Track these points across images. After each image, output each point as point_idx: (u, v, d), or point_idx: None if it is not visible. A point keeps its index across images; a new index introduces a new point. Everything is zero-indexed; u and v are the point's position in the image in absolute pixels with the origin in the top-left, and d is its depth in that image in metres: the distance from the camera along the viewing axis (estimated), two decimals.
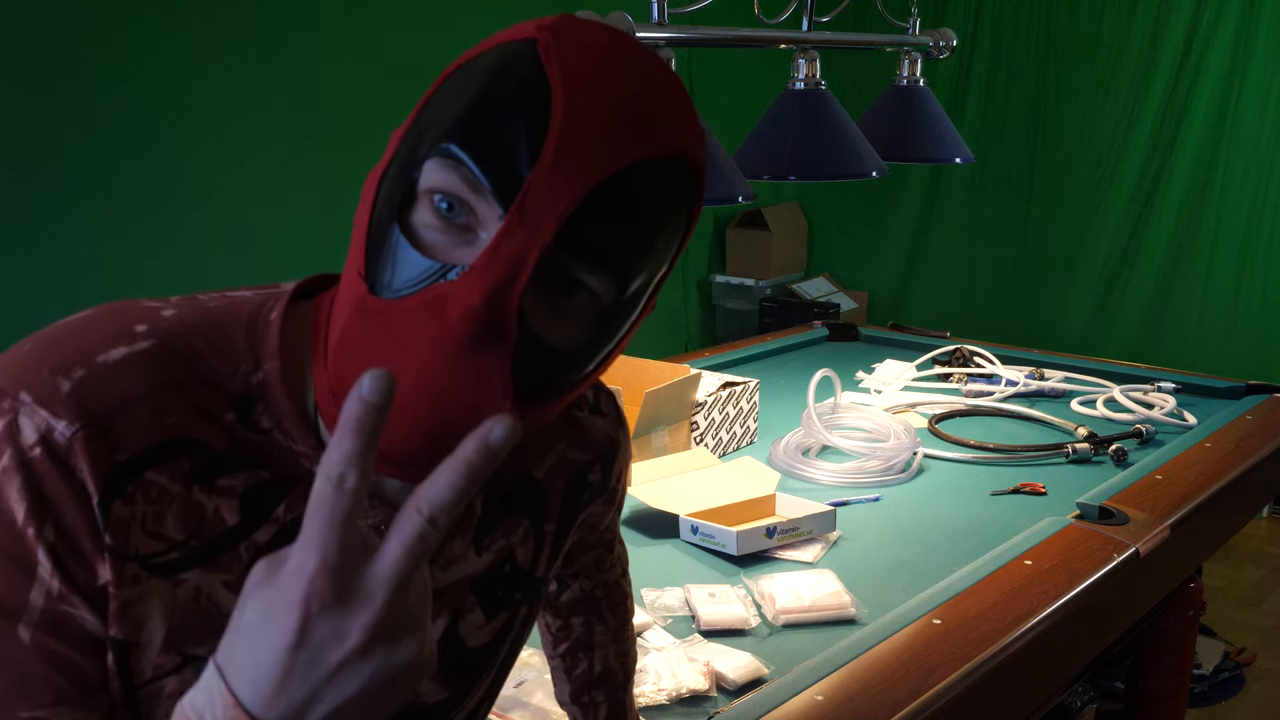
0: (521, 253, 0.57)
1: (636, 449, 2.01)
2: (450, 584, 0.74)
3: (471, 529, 0.75)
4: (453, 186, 0.59)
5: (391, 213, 0.61)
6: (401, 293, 0.59)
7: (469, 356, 0.58)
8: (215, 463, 0.64)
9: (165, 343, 0.64)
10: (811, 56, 1.98)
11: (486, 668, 0.79)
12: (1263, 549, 3.89)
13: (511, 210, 0.57)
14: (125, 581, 0.61)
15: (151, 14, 2.99)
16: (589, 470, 0.85)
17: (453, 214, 0.59)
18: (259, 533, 0.65)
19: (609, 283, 0.61)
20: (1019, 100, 4.61)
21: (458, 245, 0.59)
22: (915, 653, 1.36)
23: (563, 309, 0.61)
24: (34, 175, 2.85)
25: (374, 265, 0.61)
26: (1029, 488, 2.02)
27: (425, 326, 0.58)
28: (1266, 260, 4.10)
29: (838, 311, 4.68)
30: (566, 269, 0.59)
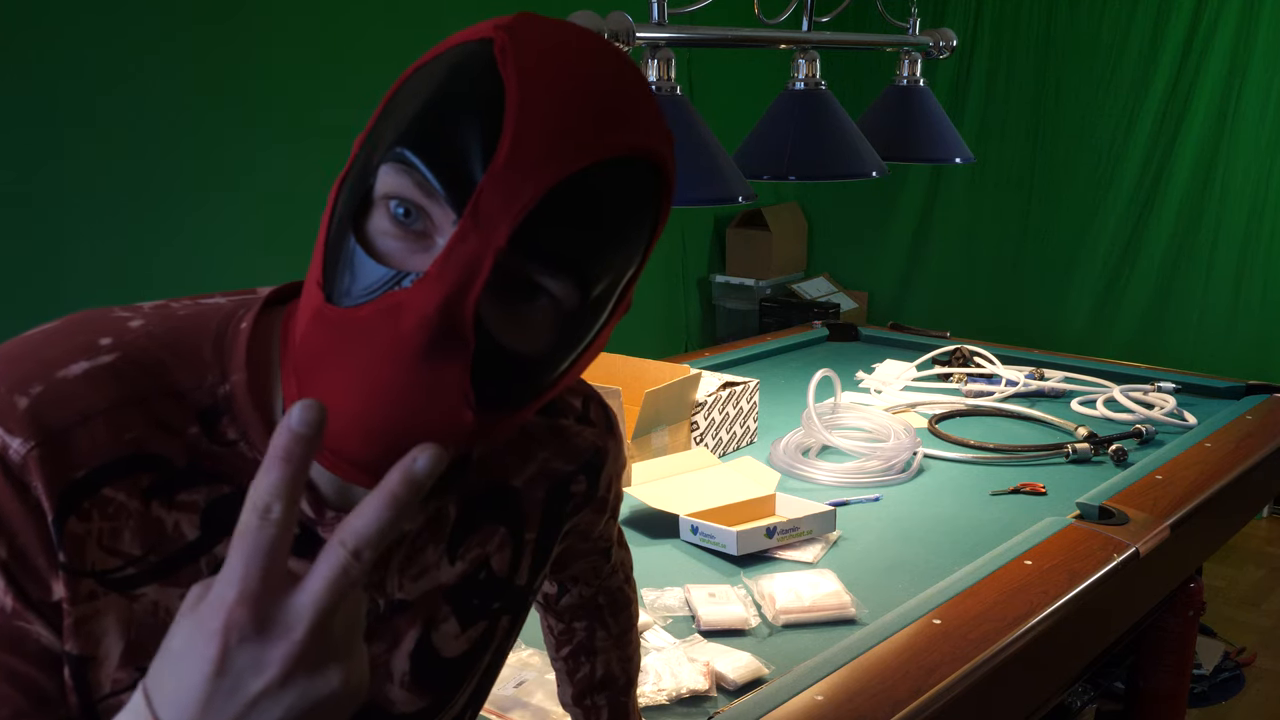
0: (476, 257, 0.56)
1: (636, 449, 2.01)
2: (422, 594, 0.73)
3: (445, 537, 0.74)
4: (407, 191, 0.58)
5: (348, 220, 0.60)
6: (358, 301, 0.58)
7: (426, 365, 0.57)
8: (176, 478, 0.63)
9: (129, 356, 0.63)
10: (811, 56, 1.98)
11: (466, 677, 0.78)
12: (1263, 549, 3.89)
13: (465, 214, 0.56)
14: (81, 598, 0.61)
15: (151, 14, 2.99)
16: (572, 480, 0.82)
17: (409, 220, 0.58)
18: (220, 547, 0.65)
19: (570, 287, 0.59)
20: (1019, 100, 4.61)
21: (414, 252, 0.58)
22: (915, 653, 1.36)
23: (523, 314, 0.60)
24: (34, 175, 2.85)
25: (330, 274, 0.60)
26: (1029, 488, 2.02)
27: (381, 336, 0.57)
28: (1266, 260, 4.10)
29: (838, 311, 4.68)
30: (525, 273, 0.58)
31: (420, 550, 0.72)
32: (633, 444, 1.99)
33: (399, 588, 0.72)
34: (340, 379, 0.59)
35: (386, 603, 0.71)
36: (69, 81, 2.88)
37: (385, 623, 0.72)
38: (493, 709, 1.28)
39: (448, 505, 0.74)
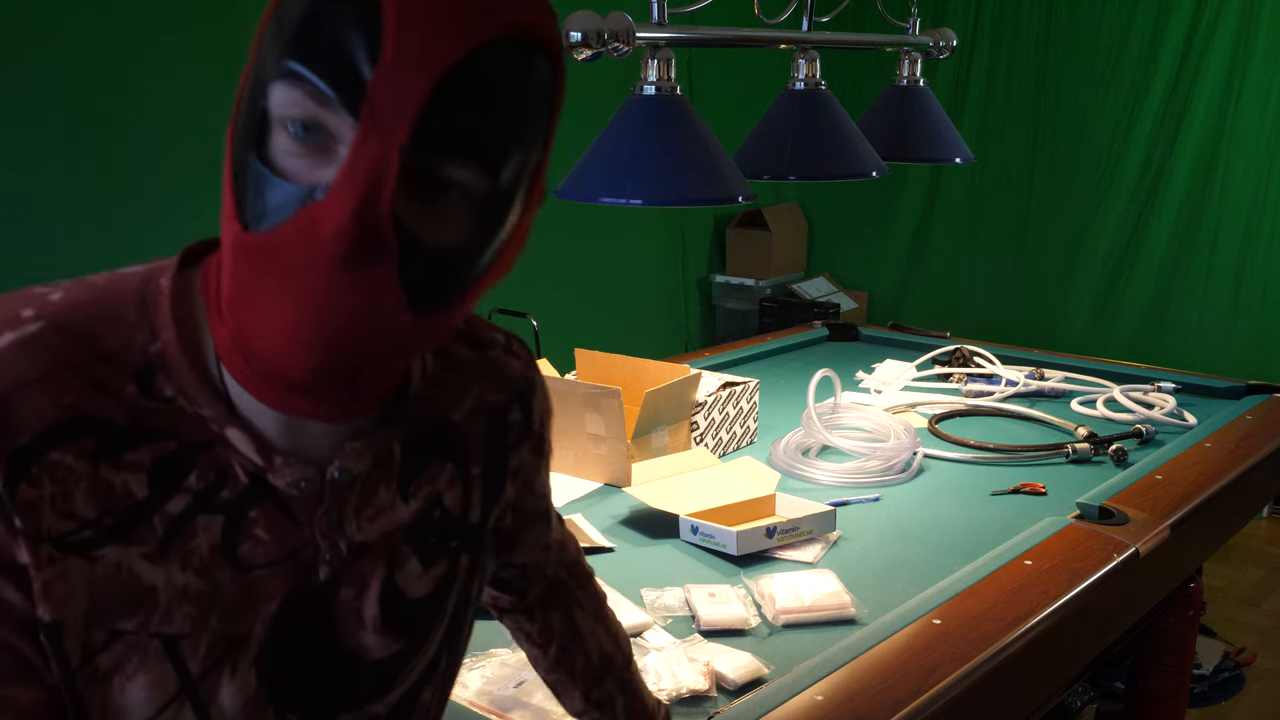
0: (381, 158, 0.56)
1: (636, 449, 2.01)
2: (381, 535, 0.74)
3: (395, 477, 0.74)
4: (301, 106, 0.58)
5: (250, 147, 0.60)
6: (274, 223, 0.58)
7: (352, 273, 0.58)
8: (119, 438, 0.64)
9: (54, 324, 0.64)
10: (811, 56, 1.99)
11: (435, 619, 0.78)
12: (1263, 549, 3.89)
13: (361, 117, 0.56)
14: (43, 563, 0.62)
15: (152, 14, 2.99)
16: (507, 410, 0.83)
17: (309, 136, 0.58)
18: (171, 503, 0.65)
19: (479, 174, 0.60)
20: (1019, 100, 4.60)
21: (320, 165, 0.58)
22: (915, 653, 1.36)
23: (439, 209, 0.60)
24: (34, 176, 2.85)
25: (242, 203, 0.60)
26: (1029, 488, 2.02)
27: (301, 251, 0.58)
28: (1266, 260, 4.10)
29: (838, 311, 4.68)
30: (432, 168, 0.59)
31: (373, 491, 0.73)
32: (633, 444, 1.99)
33: (358, 530, 0.72)
34: (271, 303, 0.59)
35: (348, 545, 0.72)
36: (69, 82, 2.88)
37: (350, 566, 0.72)
38: (493, 709, 1.28)
39: (392, 444, 0.74)
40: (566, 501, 1.95)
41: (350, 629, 0.73)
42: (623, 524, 1.86)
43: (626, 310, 4.61)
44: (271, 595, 0.69)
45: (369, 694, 0.75)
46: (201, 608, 0.66)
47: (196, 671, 0.67)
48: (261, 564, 0.68)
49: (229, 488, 0.67)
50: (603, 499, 1.97)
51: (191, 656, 0.67)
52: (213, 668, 0.67)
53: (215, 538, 0.67)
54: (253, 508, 0.68)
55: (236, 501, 0.67)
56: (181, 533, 0.66)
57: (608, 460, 2.01)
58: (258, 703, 0.70)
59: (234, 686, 0.68)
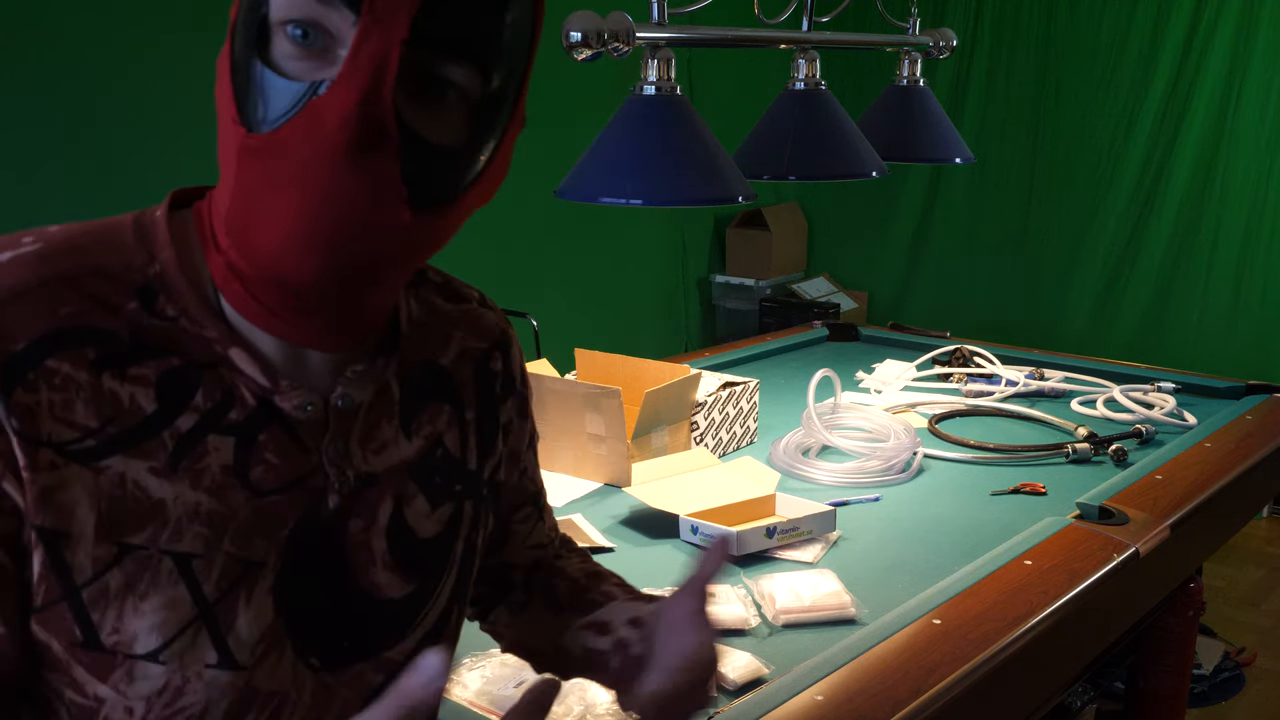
0: (383, 52, 0.59)
1: (636, 449, 2.01)
2: (386, 469, 0.75)
3: (395, 413, 0.76)
4: (301, 8, 0.60)
5: (250, 54, 0.62)
6: (278, 121, 0.60)
7: (356, 163, 0.60)
8: (123, 351, 0.65)
9: (53, 245, 0.66)
10: (811, 56, 1.99)
11: (445, 561, 0.79)
12: (1263, 549, 3.89)
13: (363, 13, 0.58)
14: (41, 467, 0.62)
15: (152, 12, 2.99)
16: (489, 358, 0.86)
17: (309, 40, 0.60)
18: (180, 420, 0.66)
19: (473, 75, 0.63)
20: (1019, 100, 4.61)
21: (322, 66, 0.60)
22: (915, 653, 1.36)
23: (436, 109, 0.63)
24: (34, 175, 2.85)
25: (245, 106, 0.62)
26: (1029, 488, 2.02)
27: (307, 144, 0.59)
28: (1266, 260, 4.10)
29: (838, 311, 4.68)
30: (430, 66, 0.61)
31: (375, 425, 0.75)
32: (633, 444, 1.99)
33: (364, 460, 0.74)
34: (277, 203, 0.61)
35: (355, 475, 0.73)
36: (69, 81, 2.88)
37: (359, 497, 0.74)
38: (493, 709, 1.28)
39: (389, 377, 0.76)
40: (566, 501, 1.95)
41: (361, 564, 0.74)
42: (623, 524, 1.86)
43: (626, 310, 4.61)
44: (284, 521, 0.70)
45: (385, 639, 0.75)
46: (214, 528, 0.67)
47: (211, 595, 0.67)
48: (273, 489, 0.69)
49: (237, 409, 0.68)
50: (603, 499, 1.97)
51: (205, 578, 0.67)
52: (229, 591, 0.67)
53: (226, 459, 0.68)
54: (262, 430, 0.69)
55: (246, 423, 0.68)
56: (192, 450, 0.67)
57: (608, 460, 2.01)
58: (275, 634, 0.69)
59: (250, 614, 0.68)
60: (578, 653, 0.91)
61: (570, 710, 1.27)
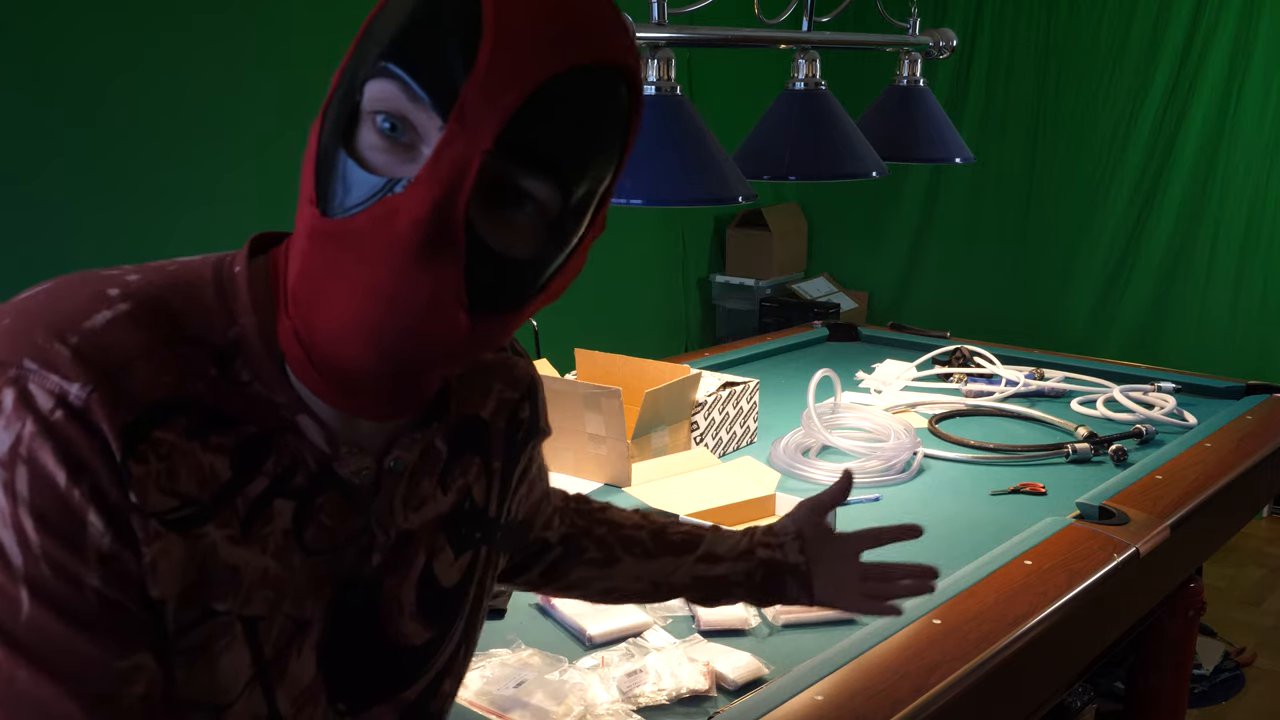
0: (464, 160, 0.59)
1: (636, 449, 2.01)
2: (422, 524, 0.77)
3: (438, 470, 0.78)
4: (393, 102, 0.60)
5: (337, 138, 0.62)
6: (353, 211, 0.61)
7: (421, 266, 0.60)
8: (208, 418, 0.66)
9: (142, 304, 0.65)
10: (811, 56, 1.99)
11: (460, 606, 0.82)
12: (1263, 549, 3.89)
13: (451, 118, 0.59)
14: (151, 538, 0.63)
15: (153, 11, 2.99)
16: (520, 407, 0.88)
17: (396, 133, 0.61)
18: (251, 486, 0.67)
19: (552, 190, 0.63)
20: (1019, 100, 4.60)
21: (403, 162, 0.61)
22: (915, 653, 1.36)
23: (510, 220, 0.63)
24: (34, 174, 2.85)
25: (324, 189, 0.62)
26: (1029, 488, 2.02)
27: (376, 240, 0.60)
28: (1266, 260, 4.10)
29: (838, 311, 4.68)
30: (509, 178, 0.61)
31: (418, 483, 0.77)
32: (633, 444, 1.99)
33: (404, 519, 0.76)
34: (340, 288, 0.62)
35: (397, 533, 0.75)
36: (69, 79, 2.87)
37: (397, 554, 0.76)
38: (493, 709, 1.28)
39: (436, 439, 0.78)
40: None
41: (392, 616, 0.76)
42: None
43: (626, 310, 4.61)
44: (329, 580, 0.72)
45: (402, 682, 0.78)
46: (277, 591, 0.69)
47: (269, 653, 0.69)
48: (323, 549, 0.71)
49: (301, 473, 0.69)
50: (603, 499, 1.96)
51: (266, 639, 0.69)
52: (283, 650, 0.70)
53: (287, 522, 0.69)
54: (319, 494, 0.70)
55: (307, 487, 0.70)
56: (260, 515, 0.68)
57: (608, 460, 2.01)
58: (314, 689, 0.72)
59: (298, 669, 0.71)
60: (687, 582, 1.08)
61: (570, 710, 1.27)
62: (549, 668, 1.35)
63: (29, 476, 0.59)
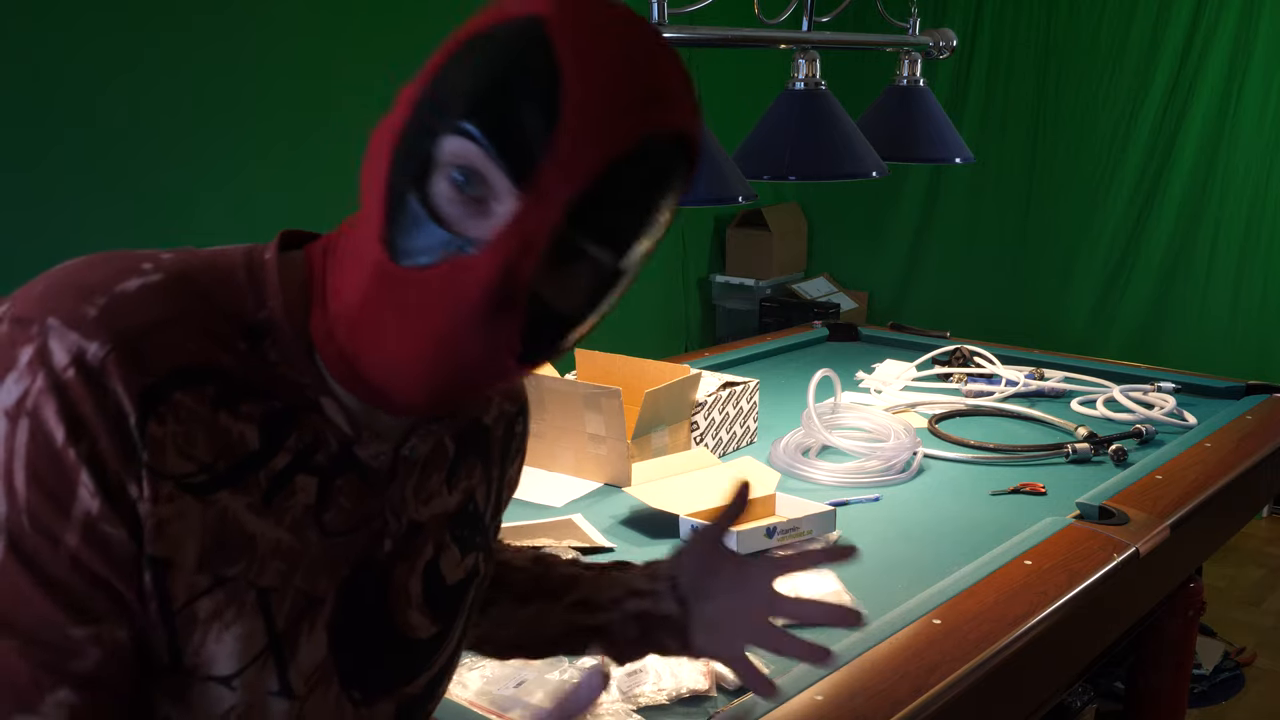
0: (536, 229, 0.61)
1: (636, 449, 2.01)
2: (431, 517, 0.80)
3: (445, 467, 0.81)
4: (469, 161, 0.62)
5: (408, 182, 0.64)
6: (421, 262, 0.63)
7: (483, 324, 0.63)
8: (236, 388, 0.67)
9: (175, 276, 0.67)
10: (811, 56, 1.99)
11: (461, 605, 0.84)
12: (1263, 549, 3.89)
13: (526, 190, 0.61)
14: (161, 499, 0.64)
15: (153, 11, 2.99)
16: (515, 421, 0.91)
17: (468, 186, 0.62)
18: (276, 459, 0.69)
19: (612, 255, 0.65)
20: (1019, 100, 4.60)
21: (472, 216, 0.62)
22: (915, 653, 1.36)
23: (566, 278, 0.65)
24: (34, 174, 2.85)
25: (393, 232, 0.64)
26: (1029, 488, 2.02)
27: (443, 297, 0.62)
28: (1266, 260, 4.10)
29: (838, 311, 4.68)
30: (572, 241, 0.63)
31: (428, 477, 0.79)
32: (633, 444, 1.99)
33: (415, 509, 0.78)
34: (401, 330, 0.64)
35: (408, 522, 0.77)
36: (68, 77, 2.88)
37: (407, 543, 0.77)
38: (493, 709, 1.28)
39: (446, 437, 0.80)
40: (566, 501, 1.95)
41: (400, 605, 0.78)
42: (623, 524, 1.86)
43: (626, 310, 4.57)
44: (344, 562, 0.73)
45: (408, 675, 0.80)
46: (290, 564, 0.70)
47: (280, 627, 0.70)
48: (340, 531, 0.73)
49: (322, 452, 0.71)
50: (603, 499, 1.97)
51: (278, 611, 0.70)
52: (294, 624, 0.71)
53: (310, 498, 0.71)
54: (339, 476, 0.72)
55: (329, 467, 0.71)
56: (283, 489, 0.69)
57: (608, 460, 2.01)
58: (326, 669, 0.73)
59: (310, 647, 0.72)
60: (560, 631, 0.97)
61: None
62: (549, 668, 1.35)
63: (29, 430, 0.60)
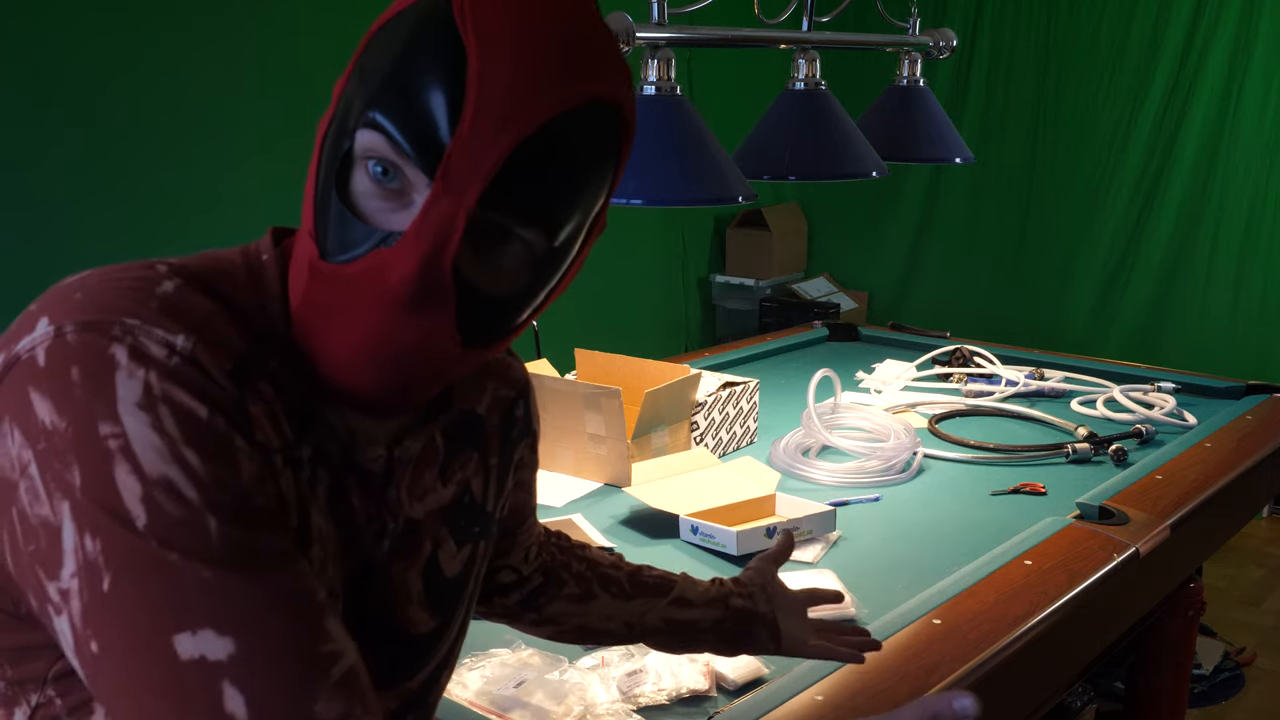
0: (449, 217, 0.60)
1: (636, 449, 2.01)
2: (427, 514, 0.80)
3: (437, 462, 0.81)
4: (382, 152, 0.62)
5: (330, 179, 0.64)
6: (347, 258, 0.63)
7: (414, 315, 0.63)
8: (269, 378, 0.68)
9: (194, 279, 0.67)
10: (811, 56, 1.99)
11: (461, 597, 0.85)
12: (1263, 549, 3.89)
13: (436, 178, 0.60)
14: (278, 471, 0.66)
15: (152, 11, 2.99)
16: (515, 405, 0.91)
17: (387, 179, 0.62)
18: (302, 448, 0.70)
19: (539, 233, 0.64)
20: (1019, 100, 4.60)
21: (393, 210, 0.63)
22: (915, 653, 1.36)
23: (498, 260, 0.65)
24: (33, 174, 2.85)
25: (321, 229, 0.65)
26: (1029, 488, 2.02)
27: (369, 291, 0.63)
28: (1266, 260, 4.10)
29: (838, 311, 4.68)
30: (495, 225, 0.63)
31: (421, 474, 0.79)
32: (633, 444, 1.99)
33: (410, 507, 0.78)
34: (342, 324, 0.65)
35: (405, 520, 0.78)
36: (68, 77, 2.88)
37: (404, 541, 0.78)
38: (493, 709, 1.28)
39: (436, 433, 0.81)
40: (566, 501, 1.95)
41: (401, 602, 0.78)
42: (623, 524, 1.86)
43: (626, 310, 4.61)
44: (350, 557, 0.74)
45: (408, 669, 0.80)
46: (325, 550, 0.71)
47: None
48: (346, 528, 0.73)
49: (333, 452, 0.72)
50: (603, 499, 1.97)
51: None
52: None
53: (325, 491, 0.71)
54: (347, 474, 0.73)
55: (339, 465, 0.72)
56: (314, 476, 0.70)
57: (608, 460, 2.01)
58: None
59: None
60: (659, 625, 1.09)
61: (570, 710, 1.27)
62: (549, 667, 1.35)
63: (173, 414, 0.59)
